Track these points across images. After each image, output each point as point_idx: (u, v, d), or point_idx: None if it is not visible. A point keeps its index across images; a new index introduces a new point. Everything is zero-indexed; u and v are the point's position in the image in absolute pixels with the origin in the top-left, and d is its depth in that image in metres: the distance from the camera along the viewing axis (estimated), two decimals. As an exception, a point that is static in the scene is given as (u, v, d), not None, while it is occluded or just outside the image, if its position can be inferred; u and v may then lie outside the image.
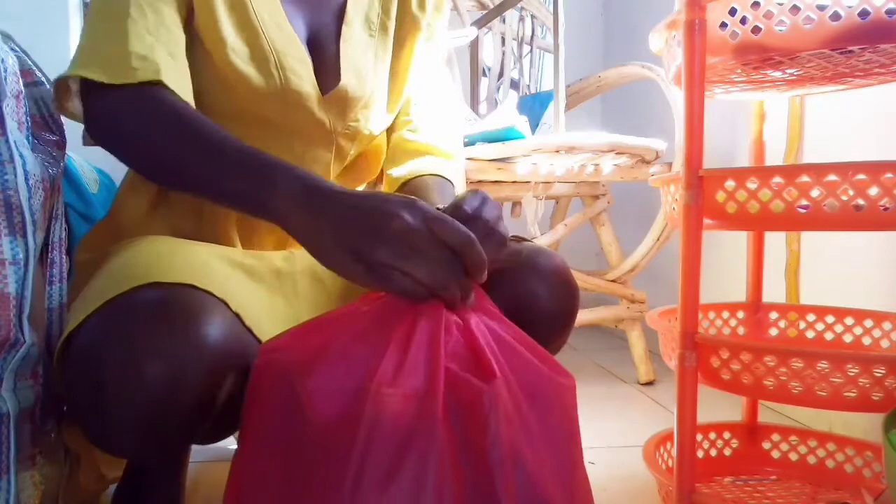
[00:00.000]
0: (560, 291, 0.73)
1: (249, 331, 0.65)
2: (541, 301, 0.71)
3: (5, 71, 0.60)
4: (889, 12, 0.72)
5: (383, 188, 0.92)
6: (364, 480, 0.48)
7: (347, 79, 0.80)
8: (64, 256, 0.66)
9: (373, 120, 0.85)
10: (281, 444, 0.53)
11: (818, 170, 0.76)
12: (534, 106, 1.84)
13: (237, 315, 0.63)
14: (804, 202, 0.76)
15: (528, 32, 2.16)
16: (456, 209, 0.61)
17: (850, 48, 0.77)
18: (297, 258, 0.78)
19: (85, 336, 0.57)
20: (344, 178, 0.88)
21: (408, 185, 0.85)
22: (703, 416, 0.89)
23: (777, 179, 0.78)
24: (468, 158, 1.42)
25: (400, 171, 0.87)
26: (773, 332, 1.10)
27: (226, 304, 0.62)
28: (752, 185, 0.79)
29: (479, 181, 1.46)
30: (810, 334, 1.07)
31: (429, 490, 0.48)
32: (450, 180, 0.87)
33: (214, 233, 0.79)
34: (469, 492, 0.50)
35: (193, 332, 0.56)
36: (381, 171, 0.93)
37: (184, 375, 0.55)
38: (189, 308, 0.58)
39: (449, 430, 0.50)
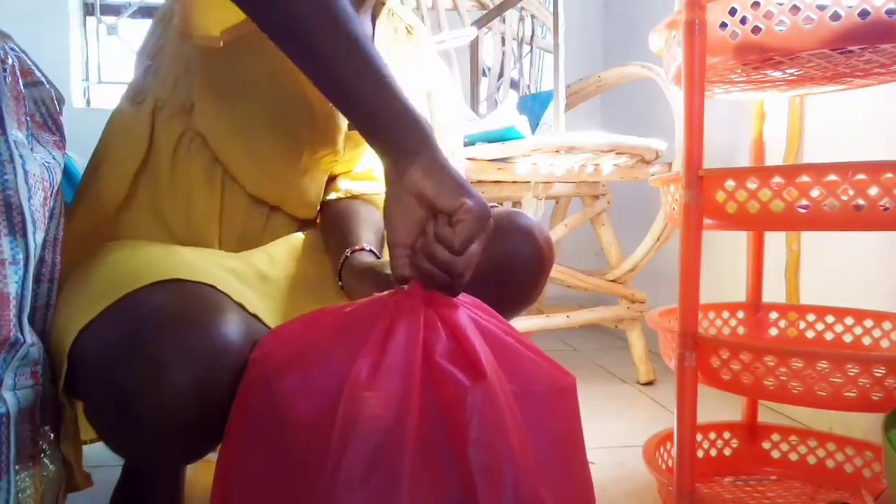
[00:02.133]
0: (539, 247, 0.80)
1: (260, 320, 0.65)
2: (522, 257, 0.78)
3: (5, 71, 0.60)
4: (889, 12, 0.72)
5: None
6: (339, 481, 0.48)
7: None
8: (58, 257, 0.66)
9: (370, 154, 0.89)
10: (262, 443, 0.53)
11: (818, 170, 0.76)
12: (534, 106, 1.84)
13: (245, 308, 0.64)
14: (804, 202, 0.76)
15: (528, 32, 2.16)
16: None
17: (850, 48, 0.77)
18: (277, 261, 0.79)
19: (99, 343, 0.57)
20: None
21: (342, 202, 0.89)
22: (703, 416, 0.89)
23: (777, 179, 0.78)
24: (468, 158, 1.42)
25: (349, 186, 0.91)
26: (773, 332, 1.10)
27: (234, 301, 0.62)
28: (752, 185, 0.79)
29: (479, 181, 1.46)
30: (810, 334, 1.07)
31: (403, 491, 0.48)
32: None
33: (199, 226, 0.79)
34: (452, 492, 0.49)
35: (216, 332, 0.56)
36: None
37: (213, 378, 0.55)
38: (208, 307, 0.58)
39: (427, 430, 0.50)
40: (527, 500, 0.50)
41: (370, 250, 0.78)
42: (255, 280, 0.73)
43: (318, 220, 0.91)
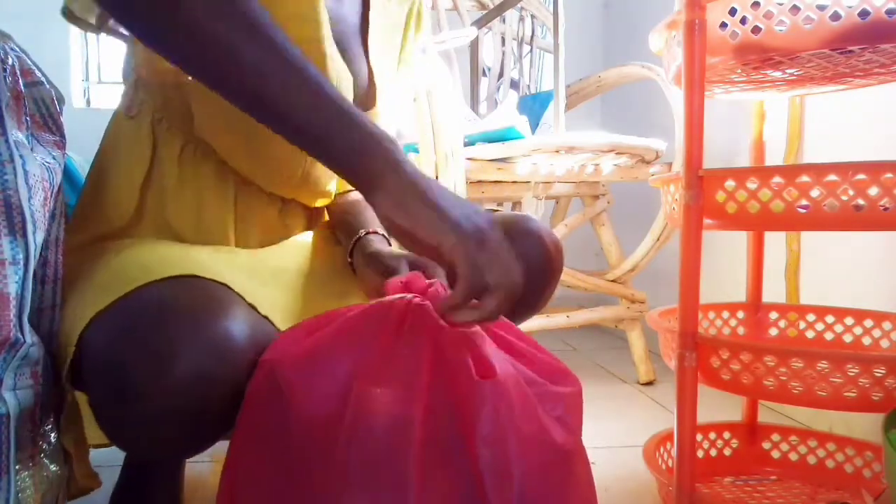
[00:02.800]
0: (548, 251, 0.78)
1: (271, 322, 0.65)
2: (531, 262, 0.76)
3: (5, 71, 0.60)
4: (889, 12, 0.72)
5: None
6: (347, 477, 0.48)
7: (382, 106, 0.83)
8: (60, 257, 0.66)
9: None
10: (270, 444, 0.54)
11: (818, 170, 0.76)
12: (534, 106, 1.84)
13: (257, 310, 0.64)
14: (804, 202, 0.76)
15: (528, 32, 2.16)
16: None
17: (850, 48, 0.77)
18: (289, 254, 0.78)
19: (108, 334, 0.57)
20: None
21: (351, 195, 0.88)
22: (703, 416, 0.89)
23: (777, 179, 0.78)
24: (468, 158, 1.42)
25: None
26: (773, 332, 1.10)
27: (247, 302, 0.62)
28: (752, 185, 0.79)
29: (479, 181, 1.46)
30: (810, 334, 1.07)
31: (411, 487, 0.48)
32: None
33: (211, 229, 0.78)
34: (461, 489, 0.49)
35: (225, 328, 0.56)
36: None
37: (216, 374, 0.55)
38: (221, 304, 0.58)
39: (436, 427, 0.50)
40: (535, 499, 0.50)
41: (383, 235, 0.78)
42: (269, 275, 0.73)
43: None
